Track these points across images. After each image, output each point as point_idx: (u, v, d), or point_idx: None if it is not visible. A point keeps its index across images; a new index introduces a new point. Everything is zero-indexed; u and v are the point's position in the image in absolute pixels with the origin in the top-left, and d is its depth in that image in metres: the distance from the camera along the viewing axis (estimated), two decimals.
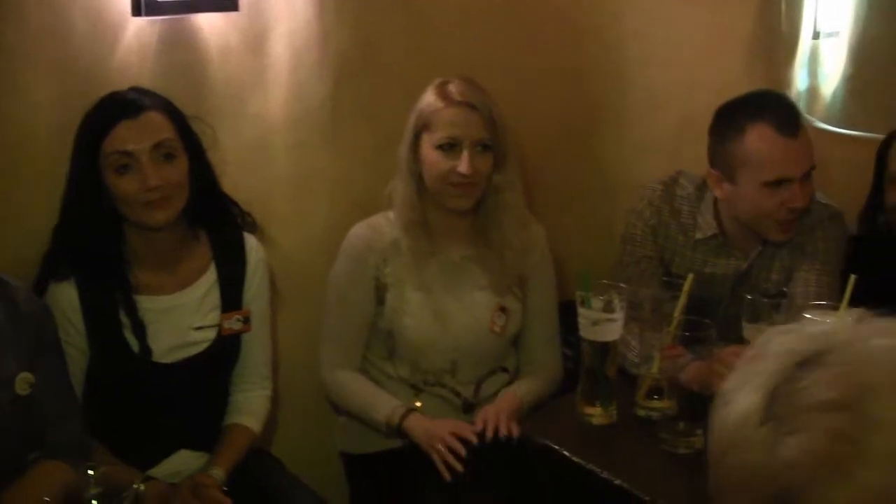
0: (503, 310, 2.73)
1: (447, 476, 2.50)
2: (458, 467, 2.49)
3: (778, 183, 2.50)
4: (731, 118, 2.58)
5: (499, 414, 2.58)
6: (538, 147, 3.30)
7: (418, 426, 2.59)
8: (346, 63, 2.86)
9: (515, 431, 2.53)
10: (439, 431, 2.54)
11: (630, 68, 3.44)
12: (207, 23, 2.59)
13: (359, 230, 2.70)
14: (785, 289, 2.63)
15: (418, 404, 2.70)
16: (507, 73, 3.14)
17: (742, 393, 0.98)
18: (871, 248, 2.75)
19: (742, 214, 2.63)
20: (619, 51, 3.43)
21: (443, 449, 2.50)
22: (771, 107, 2.55)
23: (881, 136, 2.82)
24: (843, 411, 0.90)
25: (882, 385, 0.91)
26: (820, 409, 0.91)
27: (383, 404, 2.65)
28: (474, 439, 2.52)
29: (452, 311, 2.69)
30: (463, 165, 2.53)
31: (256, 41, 2.70)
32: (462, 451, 2.49)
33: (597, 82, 3.48)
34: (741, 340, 2.29)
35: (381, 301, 2.70)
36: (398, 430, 2.60)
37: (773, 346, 1.00)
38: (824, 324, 1.02)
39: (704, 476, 1.05)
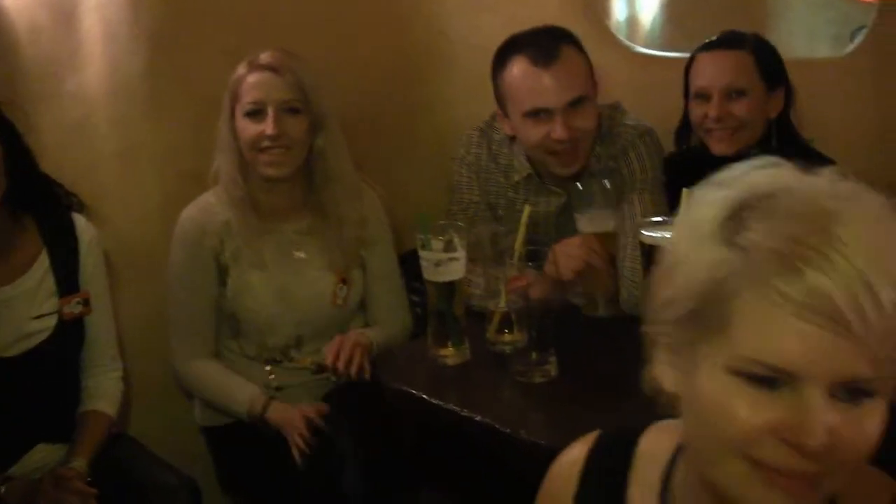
0: (344, 281, 2.73)
1: (298, 461, 2.52)
2: (307, 451, 2.52)
3: (536, 114, 2.55)
4: (499, 55, 2.63)
5: (344, 342, 2.59)
6: (367, 96, 3.29)
7: (278, 415, 2.59)
8: (162, 34, 2.80)
9: (365, 365, 2.56)
10: (296, 420, 2.55)
11: (452, 12, 3.45)
12: (12, 2, 2.49)
13: (190, 214, 2.65)
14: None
15: (272, 377, 2.70)
16: (328, 26, 3.12)
17: (711, 197, 1.06)
18: (688, 164, 2.84)
19: (526, 149, 2.68)
20: (441, 5, 3.45)
21: (299, 439, 2.52)
22: (530, 40, 2.58)
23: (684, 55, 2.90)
24: (806, 222, 0.96)
25: (849, 213, 0.98)
26: (783, 217, 0.98)
27: (243, 394, 2.63)
28: (323, 426, 2.55)
29: (293, 287, 2.67)
30: (268, 127, 2.51)
31: (66, 17, 2.63)
32: (308, 435, 2.52)
33: (420, 28, 3.48)
34: None
35: (223, 282, 2.66)
36: (260, 420, 2.60)
37: (754, 175, 1.07)
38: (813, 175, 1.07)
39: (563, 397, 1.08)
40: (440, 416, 2.23)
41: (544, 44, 2.56)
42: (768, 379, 0.98)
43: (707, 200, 1.06)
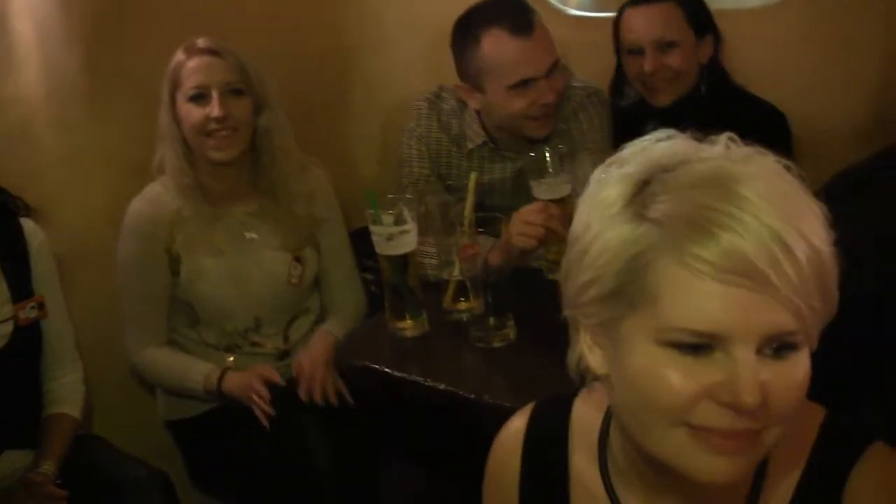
0: (298, 260, 2.74)
1: (265, 423, 2.53)
2: (270, 411, 2.52)
3: (523, 83, 2.56)
4: (466, 29, 2.62)
5: (315, 365, 2.60)
6: (304, 78, 3.29)
7: (234, 383, 2.59)
8: (96, 29, 2.77)
9: (340, 388, 2.59)
10: (251, 381, 2.56)
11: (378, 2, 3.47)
12: None
13: (138, 206, 2.63)
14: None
15: (231, 358, 2.70)
16: (261, 14, 3.12)
17: (613, 178, 1.07)
18: (627, 122, 2.88)
19: (499, 120, 2.69)
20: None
21: (257, 398, 2.53)
22: (501, 10, 2.58)
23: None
24: (712, 187, 0.99)
25: (749, 174, 1.01)
26: (690, 185, 1.00)
27: (197, 372, 2.63)
28: (281, 381, 2.56)
29: (248, 270, 2.67)
30: (214, 109, 2.50)
31: None
32: (266, 394, 2.53)
33: (352, 8, 3.48)
34: None
35: (175, 272, 2.65)
36: (218, 393, 2.60)
37: (659, 147, 1.09)
38: (709, 142, 1.10)
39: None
40: (404, 389, 2.26)
41: (517, 14, 2.57)
42: (697, 345, 1.00)
43: (611, 180, 1.08)
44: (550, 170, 2.51)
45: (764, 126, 2.73)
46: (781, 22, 2.99)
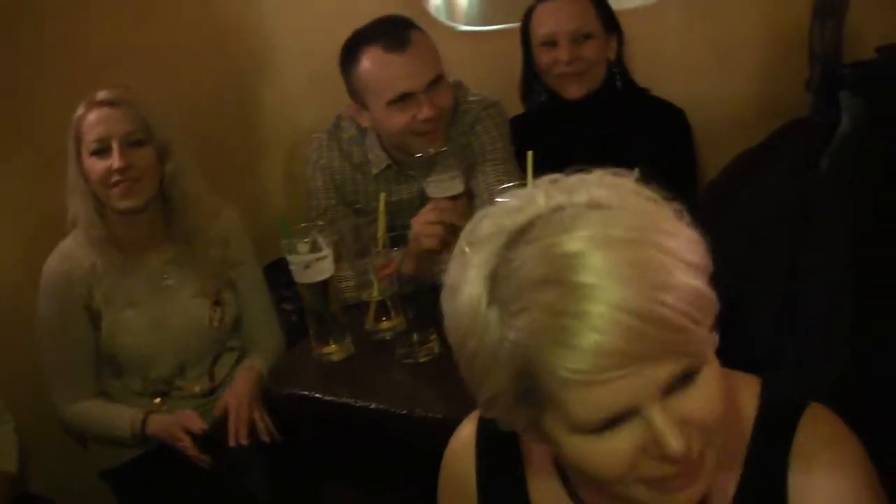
0: (218, 303, 2.73)
1: (205, 465, 2.53)
2: (199, 456, 2.52)
3: (401, 99, 2.60)
4: (349, 49, 2.67)
5: (240, 403, 2.59)
6: (204, 118, 3.31)
7: (157, 426, 2.58)
8: None
9: (268, 425, 2.58)
10: (172, 430, 2.55)
11: (272, 21, 3.49)
12: None
13: (53, 264, 2.60)
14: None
15: (157, 401, 2.70)
16: (153, 58, 3.12)
17: (465, 283, 1.06)
18: (541, 118, 2.95)
19: (387, 138, 2.73)
20: (259, 16, 3.47)
21: (184, 443, 2.53)
22: (379, 30, 2.63)
23: (515, 25, 3.01)
24: (554, 286, 0.98)
25: (583, 252, 0.98)
26: (534, 287, 0.99)
27: (122, 419, 2.61)
28: (203, 426, 2.55)
29: (168, 318, 2.66)
30: (115, 161, 2.49)
31: None
32: (189, 442, 2.52)
33: (243, 43, 3.51)
34: None
35: (97, 326, 2.63)
36: (144, 437, 2.59)
37: (482, 230, 1.08)
38: (519, 198, 1.09)
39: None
40: (337, 412, 2.27)
41: (393, 31, 2.61)
42: (608, 425, 1.01)
43: (465, 276, 1.06)
44: (440, 168, 2.53)
45: (667, 124, 2.84)
46: (662, 20, 3.11)
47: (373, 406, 2.21)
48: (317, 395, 2.31)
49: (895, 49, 2.12)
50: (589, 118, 2.85)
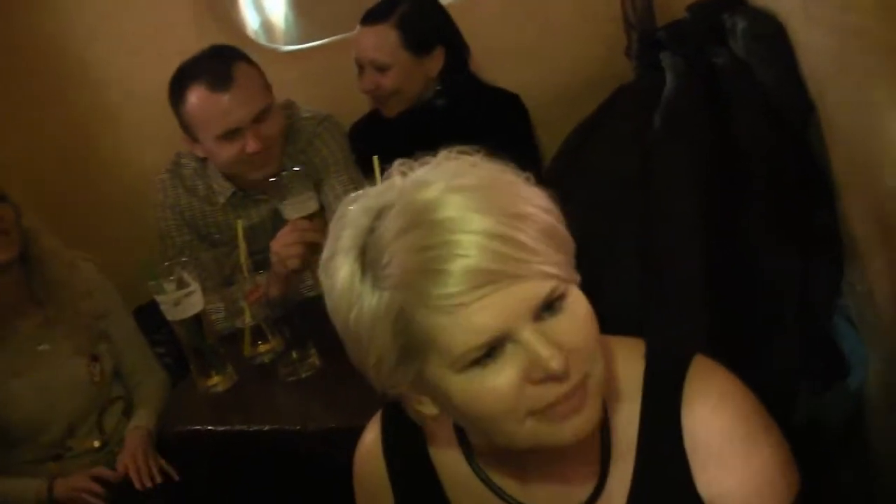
0: (95, 358, 2.70)
1: None
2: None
3: (229, 134, 2.63)
4: (175, 85, 2.68)
5: (134, 458, 2.54)
6: (47, 169, 3.29)
7: (65, 487, 2.52)
8: None
9: (163, 466, 2.54)
10: (79, 483, 2.51)
11: (104, 70, 3.47)
12: None
13: None
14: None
15: (52, 465, 2.65)
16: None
17: (338, 268, 1.11)
18: (379, 123, 3.02)
19: (220, 167, 2.76)
20: (84, 71, 3.45)
21: (89, 497, 2.49)
22: (203, 66, 2.64)
23: (336, 39, 3.07)
24: (416, 229, 1.04)
25: (439, 197, 1.05)
26: (397, 237, 1.05)
27: (25, 491, 2.54)
28: (111, 474, 2.53)
29: (51, 382, 2.61)
30: None
31: None
32: (99, 489, 2.49)
33: (82, 93, 3.47)
34: None
35: None
36: (51, 502, 2.54)
37: (349, 216, 1.13)
38: (380, 185, 1.15)
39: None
40: (231, 441, 2.29)
41: (217, 67, 2.62)
42: (489, 352, 1.05)
43: (336, 263, 1.12)
44: (294, 189, 2.55)
45: (503, 112, 2.93)
46: (482, 11, 3.23)
47: (266, 428, 2.24)
48: (209, 428, 2.32)
49: (705, 6, 2.23)
50: (417, 127, 2.91)
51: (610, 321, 1.16)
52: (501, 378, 1.06)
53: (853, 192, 1.50)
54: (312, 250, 2.41)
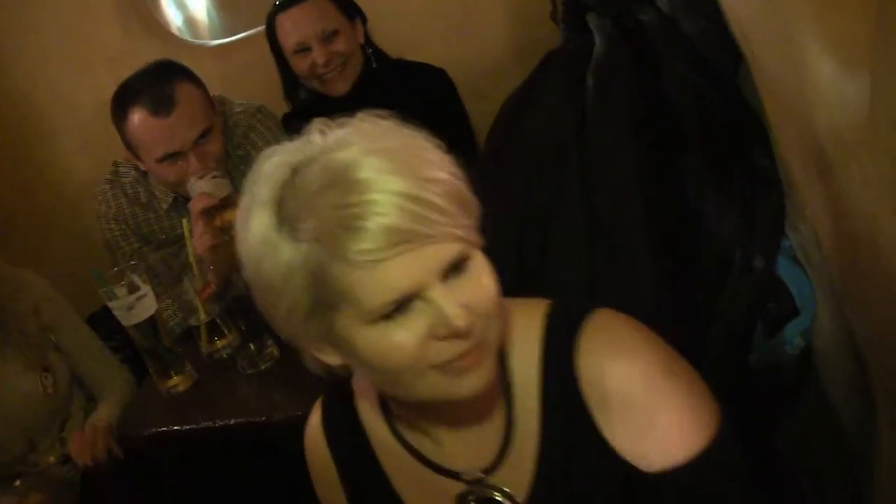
0: (46, 369, 2.66)
1: None
2: None
3: (170, 157, 2.62)
4: (117, 105, 2.66)
5: (83, 435, 2.54)
6: None
7: None
8: None
9: (111, 446, 2.51)
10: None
11: (34, 84, 3.43)
12: None
13: None
14: None
15: (17, 483, 2.62)
16: None
17: (253, 217, 1.16)
18: (310, 113, 3.00)
19: (163, 185, 2.76)
20: (13, 85, 3.42)
21: None
22: (144, 88, 2.61)
23: (261, 28, 3.07)
24: (336, 187, 1.10)
25: (357, 158, 1.11)
26: (317, 195, 1.10)
27: None
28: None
29: (3, 400, 2.59)
30: None
31: None
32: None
33: (4, 110, 3.44)
34: None
35: None
36: None
37: (265, 169, 1.18)
38: (298, 141, 1.20)
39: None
40: (197, 439, 2.29)
41: (158, 90, 2.59)
42: (398, 307, 1.13)
43: (253, 213, 1.17)
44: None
45: (432, 86, 2.96)
46: None
47: (232, 423, 2.25)
48: (175, 428, 2.32)
49: None
50: (356, 106, 2.92)
51: (562, 283, 1.19)
52: (408, 333, 1.13)
53: (788, 133, 1.52)
54: (224, 231, 2.44)
